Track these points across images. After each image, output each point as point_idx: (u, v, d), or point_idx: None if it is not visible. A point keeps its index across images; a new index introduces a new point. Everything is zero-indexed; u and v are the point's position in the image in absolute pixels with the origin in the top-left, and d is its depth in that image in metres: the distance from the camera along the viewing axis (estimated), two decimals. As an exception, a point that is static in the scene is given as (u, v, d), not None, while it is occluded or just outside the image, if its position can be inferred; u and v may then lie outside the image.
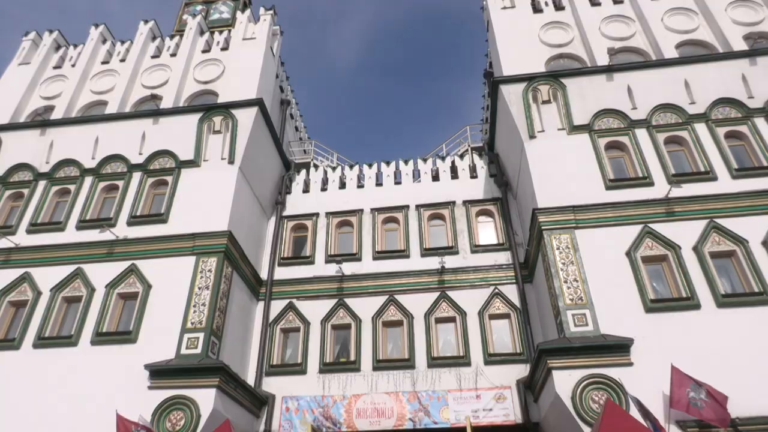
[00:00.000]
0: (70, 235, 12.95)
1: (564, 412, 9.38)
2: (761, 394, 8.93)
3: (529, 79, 13.66)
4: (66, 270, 12.33)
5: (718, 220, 10.95)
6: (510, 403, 11.51)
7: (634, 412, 8.55)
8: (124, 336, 11.22)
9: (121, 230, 12.75)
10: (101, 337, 11.29)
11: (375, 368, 12.41)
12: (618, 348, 9.58)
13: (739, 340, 9.54)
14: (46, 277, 12.30)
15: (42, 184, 14.13)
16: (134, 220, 12.94)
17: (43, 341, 11.43)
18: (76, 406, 10.37)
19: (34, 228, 13.20)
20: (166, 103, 15.17)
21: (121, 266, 12.20)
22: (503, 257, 13.67)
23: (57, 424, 10.21)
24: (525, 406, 11.29)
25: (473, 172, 15.58)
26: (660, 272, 10.90)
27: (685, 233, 10.92)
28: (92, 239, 12.63)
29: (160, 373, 10.44)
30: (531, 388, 11.31)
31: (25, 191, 14.06)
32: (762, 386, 9.00)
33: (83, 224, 13.07)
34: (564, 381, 9.45)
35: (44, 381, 10.81)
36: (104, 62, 17.11)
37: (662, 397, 9.07)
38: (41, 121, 15.44)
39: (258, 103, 14.47)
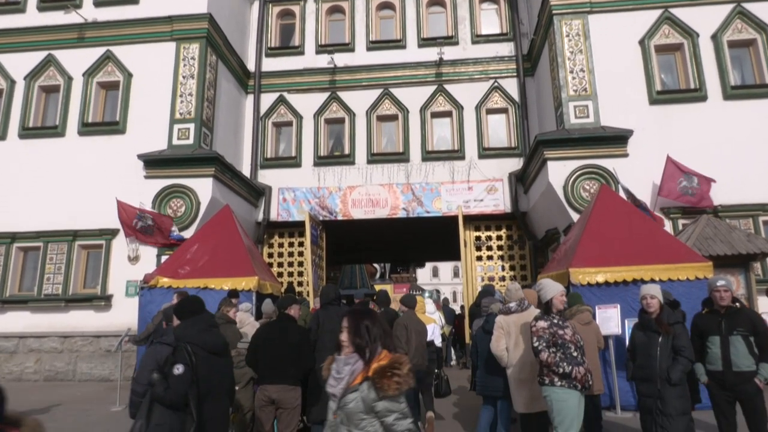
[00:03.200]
0: (33, 17, 11.71)
1: (554, 200, 9.70)
2: (745, 184, 9.28)
3: None
4: (36, 56, 11.46)
5: (745, 4, 10.06)
6: (501, 194, 11.88)
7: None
8: (112, 126, 10.93)
9: (89, 12, 11.51)
10: (88, 128, 10.99)
11: (369, 161, 12.47)
12: (616, 139, 9.53)
13: (739, 133, 9.51)
14: (16, 64, 11.48)
15: (-13, -45, 12.32)
16: (101, 1, 11.62)
17: (28, 131, 11.13)
18: (73, 194, 10.54)
19: (-10, 9, 11.89)
20: None
21: (96, 53, 11.34)
22: (506, 48, 12.81)
23: (55, 211, 10.47)
24: (515, 197, 11.66)
25: (479, -51, 13.74)
26: (671, 63, 10.36)
27: (706, 19, 10.11)
28: (58, 22, 11.51)
29: (154, 163, 10.39)
30: (522, 180, 11.57)
31: (-31, -36, 12.33)
32: (747, 177, 9.27)
33: (45, 5, 11.73)
34: (558, 171, 9.58)
35: (36, 170, 10.79)
36: None
37: (652, 187, 9.33)
38: None
39: None
